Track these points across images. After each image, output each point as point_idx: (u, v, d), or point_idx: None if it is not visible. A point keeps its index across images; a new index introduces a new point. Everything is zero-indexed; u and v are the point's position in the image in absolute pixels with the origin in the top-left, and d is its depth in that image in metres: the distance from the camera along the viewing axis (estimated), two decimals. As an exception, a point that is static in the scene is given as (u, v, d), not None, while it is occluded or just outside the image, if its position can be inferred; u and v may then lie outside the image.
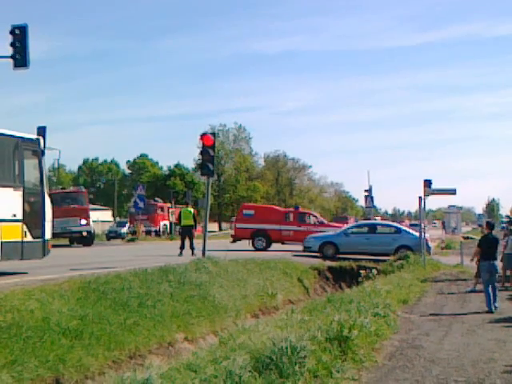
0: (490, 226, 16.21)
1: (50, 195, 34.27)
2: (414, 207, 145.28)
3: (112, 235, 54.19)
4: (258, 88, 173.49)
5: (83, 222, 36.16)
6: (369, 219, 44.01)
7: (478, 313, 14.65)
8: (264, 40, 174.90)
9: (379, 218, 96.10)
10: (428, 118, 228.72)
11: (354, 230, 30.45)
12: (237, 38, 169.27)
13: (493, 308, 14.83)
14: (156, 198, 61.03)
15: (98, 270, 15.61)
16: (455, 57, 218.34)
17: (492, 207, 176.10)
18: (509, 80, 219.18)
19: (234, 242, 33.00)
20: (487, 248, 15.29)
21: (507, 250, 19.75)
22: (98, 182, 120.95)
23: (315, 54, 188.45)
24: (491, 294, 14.90)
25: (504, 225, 61.59)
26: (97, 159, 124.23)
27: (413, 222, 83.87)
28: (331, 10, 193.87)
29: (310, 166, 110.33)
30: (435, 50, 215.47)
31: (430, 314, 14.39)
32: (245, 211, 34.58)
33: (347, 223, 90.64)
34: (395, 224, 36.51)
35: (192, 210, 25.49)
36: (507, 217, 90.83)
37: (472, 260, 17.20)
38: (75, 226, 35.75)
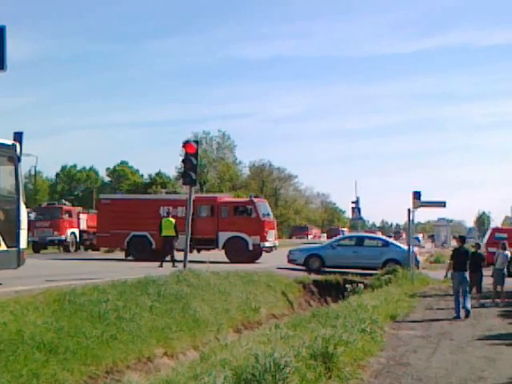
0: (462, 239, 17.65)
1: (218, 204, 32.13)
2: (402, 219, 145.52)
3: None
4: (246, 94, 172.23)
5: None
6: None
7: (468, 329, 14.47)
8: (253, 45, 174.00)
9: (347, 230, 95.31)
10: (420, 126, 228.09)
11: (341, 242, 30.10)
12: (225, 43, 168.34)
13: (461, 314, 16.10)
14: (63, 200, 51.94)
15: (75, 281, 15.25)
16: (449, 65, 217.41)
17: (482, 220, 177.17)
18: (502, 89, 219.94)
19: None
20: (459, 260, 16.61)
21: (497, 266, 19.64)
22: (76, 190, 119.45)
23: (307, 59, 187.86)
24: (461, 302, 16.27)
25: None
26: (75, 166, 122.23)
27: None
28: (324, 15, 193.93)
29: (296, 176, 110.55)
30: (429, 58, 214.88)
31: (418, 331, 14.15)
32: (497, 234, 32.28)
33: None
34: (383, 237, 36.34)
35: (173, 220, 25.06)
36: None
37: (446, 276, 17.80)
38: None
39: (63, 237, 42.86)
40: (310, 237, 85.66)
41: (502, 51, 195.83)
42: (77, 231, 44.31)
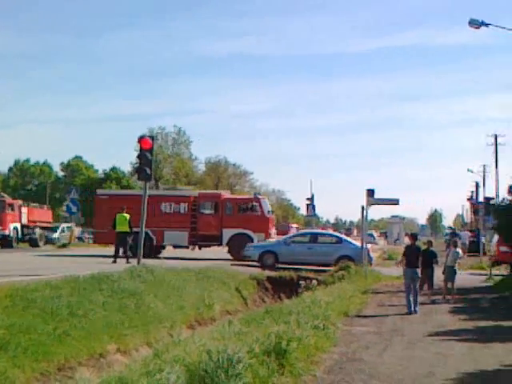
0: (414, 237, 18.73)
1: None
2: (356, 216, 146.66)
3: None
4: (204, 91, 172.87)
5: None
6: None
7: (420, 325, 14.63)
8: (212, 41, 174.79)
9: (296, 226, 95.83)
10: (376, 126, 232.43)
11: (295, 239, 30.20)
12: (182, 39, 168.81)
13: (412, 310, 16.60)
14: (2, 194, 47.41)
15: (28, 276, 15.07)
16: (406, 64, 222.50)
17: (435, 218, 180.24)
18: (458, 89, 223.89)
19: (493, 266, 31.57)
20: (410, 256, 17.25)
21: (448, 263, 19.90)
22: (30, 185, 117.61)
23: (268, 57, 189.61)
24: (412, 299, 16.73)
25: (447, 236, 62.60)
26: (28, 160, 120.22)
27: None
28: (287, 13, 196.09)
29: (252, 173, 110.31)
30: (386, 57, 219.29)
31: (371, 327, 14.26)
32: None
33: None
34: (337, 234, 36.58)
35: (127, 216, 24.83)
36: (449, 228, 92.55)
37: (398, 265, 18.31)
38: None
39: (6, 232, 40.50)
40: None
41: (459, 51, 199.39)
42: (19, 226, 42.35)
